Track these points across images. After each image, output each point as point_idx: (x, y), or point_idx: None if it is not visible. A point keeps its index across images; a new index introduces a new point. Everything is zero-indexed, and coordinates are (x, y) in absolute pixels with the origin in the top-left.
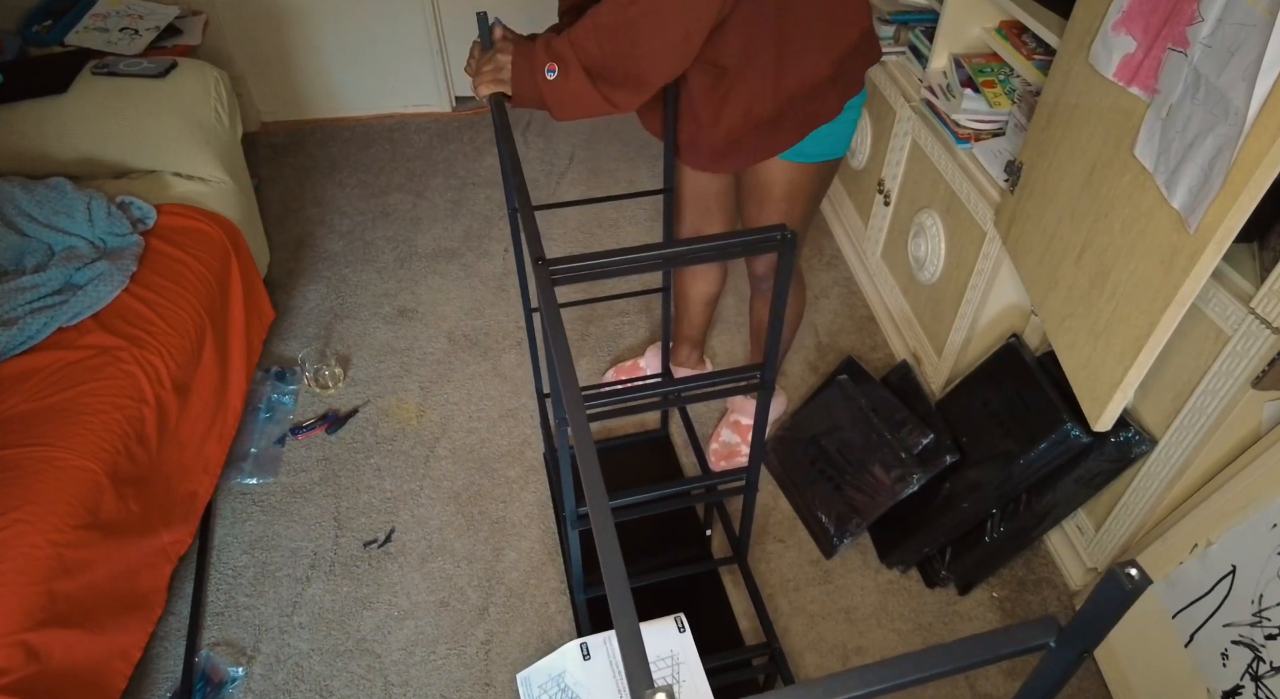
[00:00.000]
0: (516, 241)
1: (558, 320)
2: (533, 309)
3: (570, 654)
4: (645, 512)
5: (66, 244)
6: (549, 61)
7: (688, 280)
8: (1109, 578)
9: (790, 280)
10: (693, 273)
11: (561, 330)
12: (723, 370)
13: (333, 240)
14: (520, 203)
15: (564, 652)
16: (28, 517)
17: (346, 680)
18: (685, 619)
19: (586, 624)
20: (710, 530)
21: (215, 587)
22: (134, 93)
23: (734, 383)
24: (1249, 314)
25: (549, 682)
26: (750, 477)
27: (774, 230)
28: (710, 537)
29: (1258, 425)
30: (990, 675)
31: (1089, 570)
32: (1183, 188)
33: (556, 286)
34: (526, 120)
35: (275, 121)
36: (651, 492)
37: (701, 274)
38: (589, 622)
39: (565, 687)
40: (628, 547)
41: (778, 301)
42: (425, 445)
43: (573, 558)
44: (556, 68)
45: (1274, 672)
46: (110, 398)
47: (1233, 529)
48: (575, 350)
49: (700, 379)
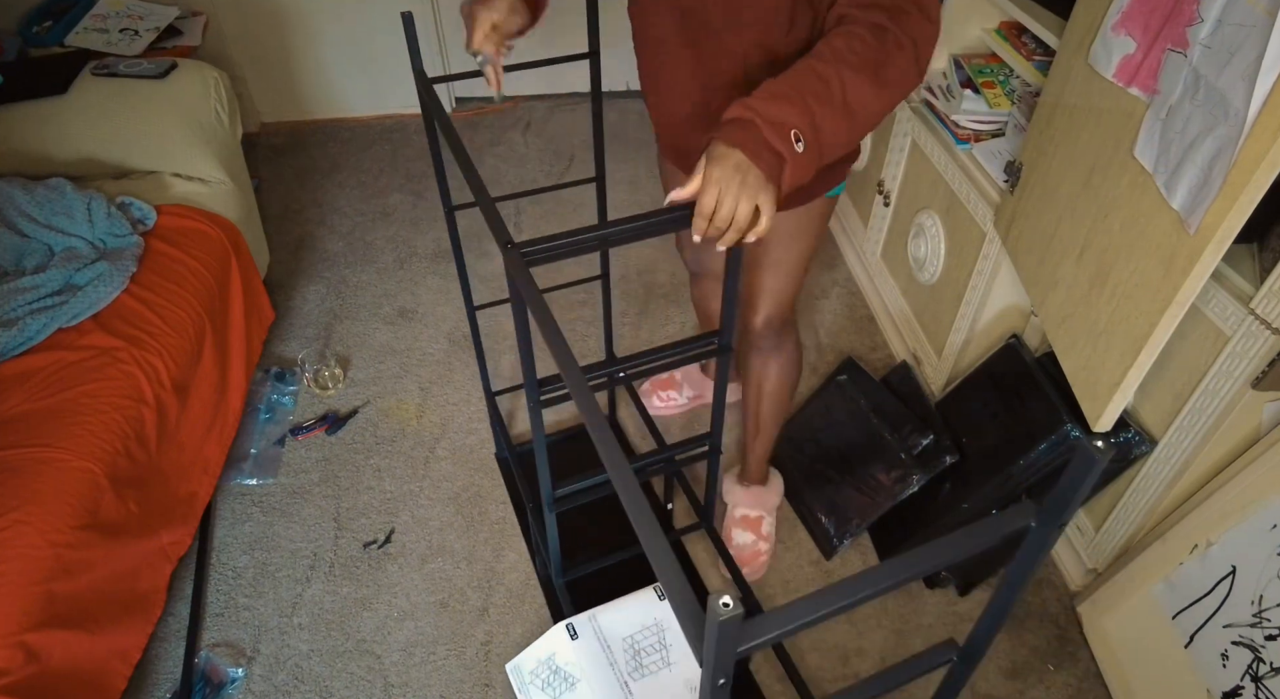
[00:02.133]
0: (455, 240)
1: (541, 303)
2: (475, 307)
3: (558, 636)
4: (605, 492)
5: (66, 245)
6: (794, 129)
7: (710, 298)
8: (1080, 452)
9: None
10: (715, 292)
11: (547, 312)
12: (675, 342)
13: (332, 241)
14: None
15: (551, 635)
16: (27, 517)
17: (346, 681)
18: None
19: (569, 607)
20: (670, 504)
21: (215, 587)
22: (134, 93)
23: (686, 354)
24: (1249, 314)
25: (540, 666)
26: (713, 441)
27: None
28: (671, 510)
29: (1258, 426)
30: (990, 676)
31: (1089, 571)
32: (1182, 188)
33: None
34: (526, 120)
35: (275, 122)
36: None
37: (714, 290)
38: (571, 605)
39: (557, 668)
40: (588, 531)
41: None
42: (425, 446)
43: (550, 542)
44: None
45: (1274, 673)
46: (110, 398)
47: (1233, 530)
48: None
49: (651, 354)
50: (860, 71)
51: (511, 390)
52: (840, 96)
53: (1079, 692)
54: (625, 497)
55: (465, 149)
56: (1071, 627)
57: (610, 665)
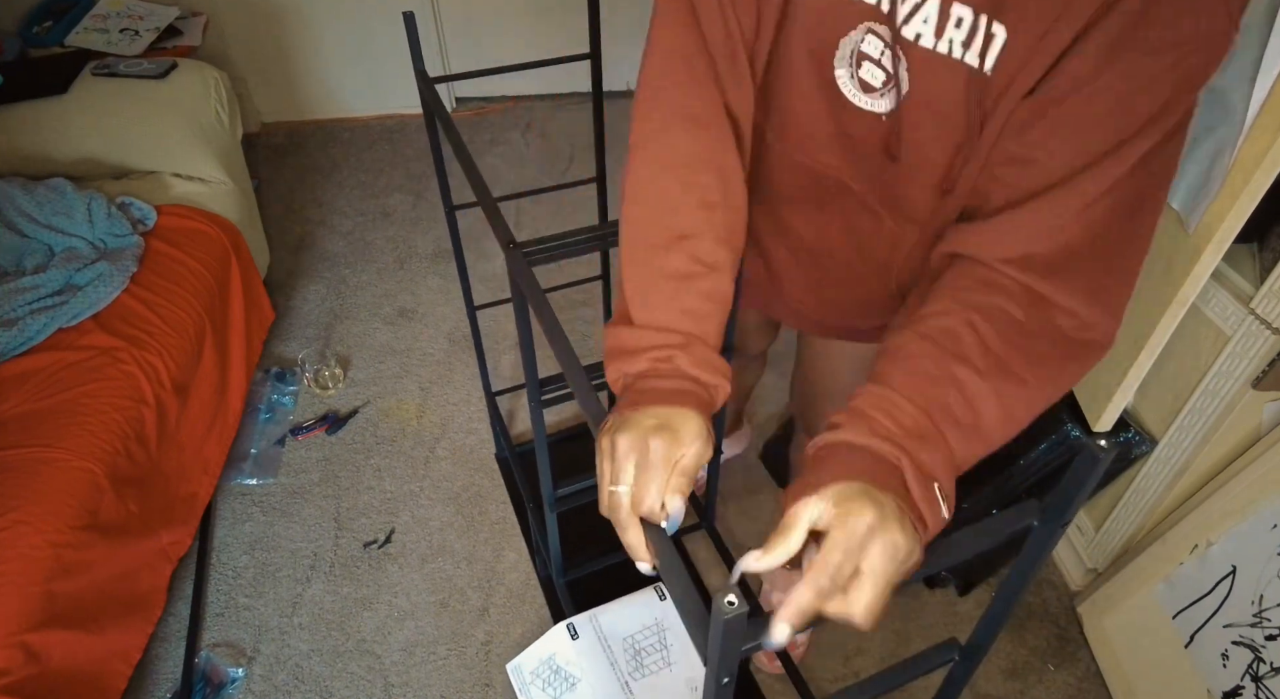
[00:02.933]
0: (455, 240)
1: (544, 302)
2: (475, 307)
3: (559, 636)
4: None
5: (66, 245)
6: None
7: (740, 372)
8: (1084, 452)
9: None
10: (739, 366)
11: (550, 311)
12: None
13: (333, 241)
14: (479, 194)
15: (551, 635)
16: (27, 517)
17: (346, 681)
18: (665, 588)
19: (570, 607)
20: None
21: (215, 587)
22: (134, 93)
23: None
24: (1249, 314)
25: (540, 666)
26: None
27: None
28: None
29: (1258, 426)
30: (990, 676)
31: (1089, 571)
32: (1182, 188)
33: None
34: (526, 120)
35: (275, 122)
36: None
37: (742, 367)
38: (571, 604)
39: (558, 668)
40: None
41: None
42: (425, 446)
43: (551, 542)
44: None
45: (1274, 672)
46: (110, 398)
47: (1233, 529)
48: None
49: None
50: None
51: (512, 390)
52: (989, 424)
53: (1079, 692)
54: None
55: (467, 149)
56: (1071, 627)
57: (611, 665)
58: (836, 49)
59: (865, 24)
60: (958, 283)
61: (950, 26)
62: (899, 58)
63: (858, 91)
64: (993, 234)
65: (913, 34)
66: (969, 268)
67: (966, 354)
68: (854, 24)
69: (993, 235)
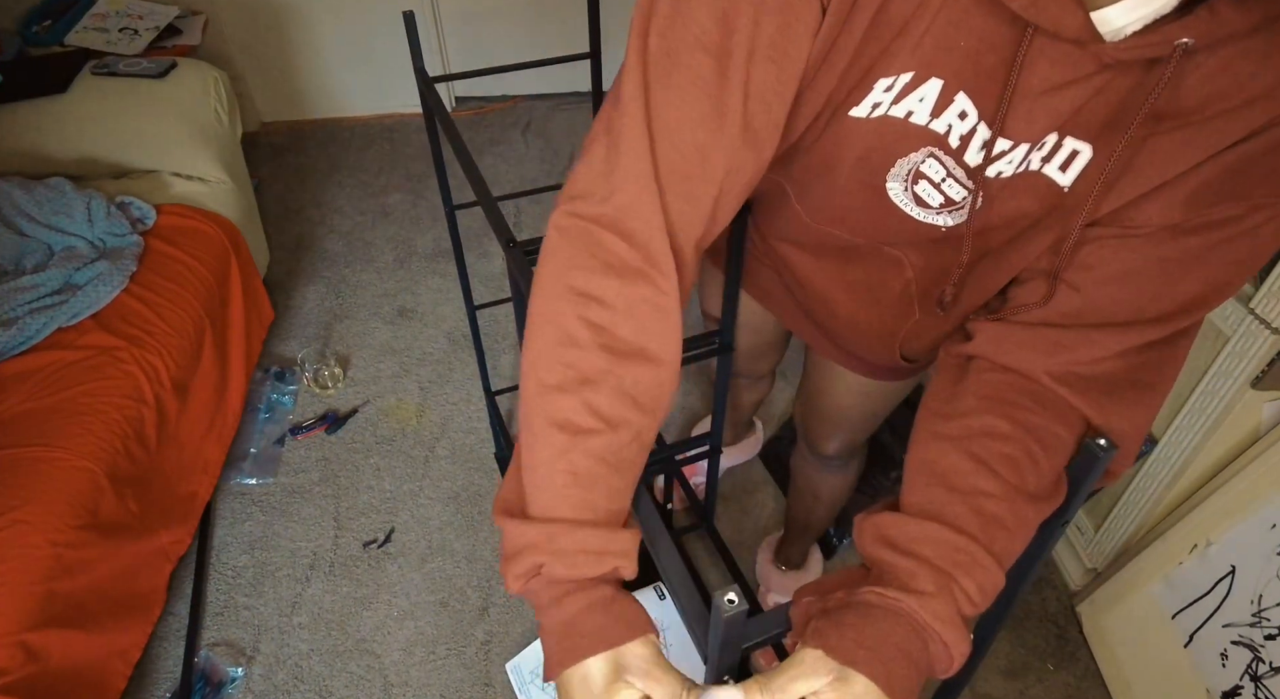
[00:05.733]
0: (455, 239)
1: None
2: (475, 307)
3: None
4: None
5: (66, 244)
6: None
7: (743, 391)
8: (1085, 451)
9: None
10: (746, 384)
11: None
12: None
13: (332, 240)
14: (480, 193)
15: None
16: (27, 517)
17: (346, 681)
18: (664, 588)
19: None
20: (671, 504)
21: (215, 587)
22: (134, 93)
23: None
24: (1248, 314)
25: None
26: (713, 441)
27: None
28: (672, 509)
29: (1257, 425)
30: (990, 675)
31: (1088, 570)
32: None
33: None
34: (526, 120)
35: (275, 121)
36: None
37: (749, 385)
38: None
39: None
40: None
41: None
42: (425, 445)
43: None
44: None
45: (1273, 672)
46: (109, 398)
47: (1232, 529)
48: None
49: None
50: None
51: (512, 390)
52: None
53: (1079, 691)
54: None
55: (467, 148)
56: (1071, 626)
57: None
58: (892, 166)
59: (928, 148)
60: (1006, 395)
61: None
62: (978, 196)
63: (911, 203)
64: (1038, 346)
65: (994, 172)
66: (1014, 379)
67: (1033, 493)
68: (915, 147)
69: (1039, 348)
